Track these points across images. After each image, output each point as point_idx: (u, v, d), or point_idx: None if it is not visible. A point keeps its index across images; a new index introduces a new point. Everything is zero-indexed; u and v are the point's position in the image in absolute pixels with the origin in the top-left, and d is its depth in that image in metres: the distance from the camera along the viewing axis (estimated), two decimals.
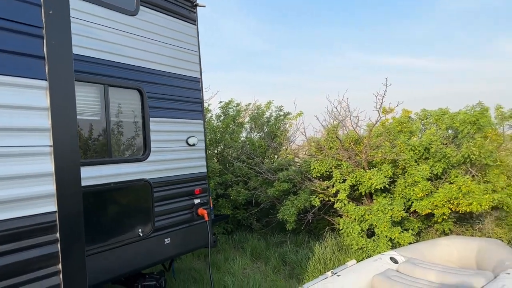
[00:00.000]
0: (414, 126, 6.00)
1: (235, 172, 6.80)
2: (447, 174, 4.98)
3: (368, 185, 4.88)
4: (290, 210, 5.41)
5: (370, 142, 5.28)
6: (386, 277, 3.70)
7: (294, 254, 5.36)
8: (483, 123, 4.99)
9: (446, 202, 4.54)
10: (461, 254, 4.20)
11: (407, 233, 4.72)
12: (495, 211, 5.07)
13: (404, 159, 5.04)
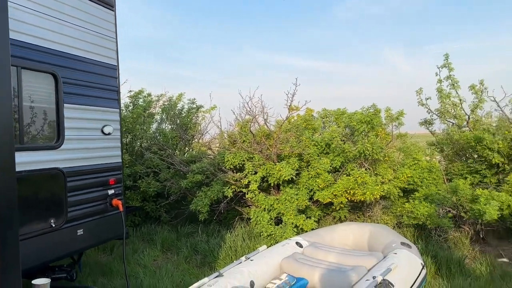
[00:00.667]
0: (317, 123, 6.55)
1: (146, 164, 6.70)
2: (344, 167, 5.57)
3: (277, 177, 5.24)
4: (203, 201, 5.56)
5: (279, 137, 5.66)
6: (293, 259, 4.06)
7: (206, 244, 5.52)
8: (375, 123, 5.69)
9: (344, 192, 5.11)
10: (356, 237, 4.77)
11: (310, 220, 5.20)
12: (382, 200, 5.82)
13: (308, 153, 5.51)
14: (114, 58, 4.20)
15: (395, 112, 6.02)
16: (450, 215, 5.14)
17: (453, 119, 6.04)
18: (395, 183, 5.36)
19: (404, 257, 3.88)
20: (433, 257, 4.61)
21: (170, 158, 6.56)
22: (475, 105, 5.82)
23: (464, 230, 5.28)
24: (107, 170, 4.03)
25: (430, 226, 5.11)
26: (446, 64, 5.86)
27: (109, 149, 4.06)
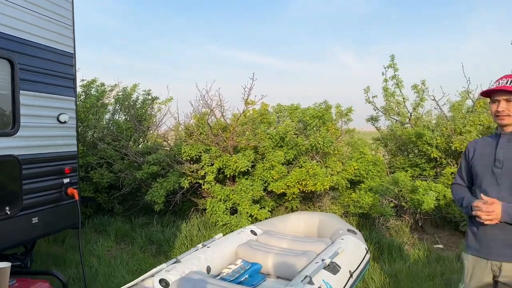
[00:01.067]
0: (272, 118, 6.78)
1: (99, 154, 6.61)
2: (297, 160, 5.84)
3: (234, 168, 5.41)
4: (159, 192, 5.60)
5: (236, 130, 5.82)
6: (248, 246, 4.25)
7: (161, 234, 5.58)
8: (326, 118, 6.01)
9: (296, 183, 5.37)
10: (306, 226, 5.05)
11: (264, 210, 5.42)
12: (331, 191, 6.17)
13: (264, 146, 5.72)
14: (71, 46, 4.15)
15: (344, 109, 6.38)
16: (392, 204, 5.57)
17: (396, 116, 6.51)
18: (343, 175, 5.71)
19: (350, 243, 4.19)
20: (376, 243, 4.99)
21: (124, 149, 6.52)
22: (416, 104, 6.31)
23: (404, 219, 5.73)
24: (63, 159, 3.99)
25: (374, 215, 5.51)
26: (391, 64, 6.30)
27: (64, 137, 4.02)
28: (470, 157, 2.25)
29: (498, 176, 2.05)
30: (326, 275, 3.38)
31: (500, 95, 2.04)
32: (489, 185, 2.08)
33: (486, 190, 2.08)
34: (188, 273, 3.48)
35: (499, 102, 2.05)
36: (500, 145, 2.08)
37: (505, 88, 2.00)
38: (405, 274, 4.18)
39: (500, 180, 2.04)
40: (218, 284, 3.27)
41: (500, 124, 2.10)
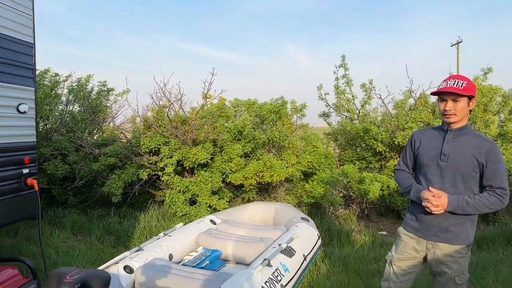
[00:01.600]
0: (229, 112, 6.98)
1: (53, 146, 6.48)
2: (254, 152, 6.09)
3: (193, 160, 5.56)
4: (117, 183, 5.63)
5: (195, 123, 5.96)
6: (208, 234, 4.45)
7: (119, 225, 5.61)
8: (282, 113, 6.30)
9: (254, 175, 5.62)
10: (263, 215, 5.32)
11: (222, 200, 5.63)
12: (286, 183, 6.49)
13: (222, 139, 5.91)
14: (31, 36, 4.09)
15: (299, 105, 6.71)
16: (341, 194, 5.98)
17: (346, 113, 6.94)
18: (297, 167, 6.04)
19: (304, 229, 4.51)
20: (326, 230, 5.37)
21: (79, 141, 6.44)
22: (364, 101, 6.77)
23: (352, 208, 6.16)
24: (22, 149, 3.96)
25: (325, 204, 5.89)
26: (342, 64, 6.70)
27: (24, 127, 3.98)
28: (416, 146, 2.45)
29: (442, 169, 2.28)
30: (283, 258, 3.66)
31: (448, 96, 2.21)
32: (434, 176, 2.31)
33: (431, 180, 2.31)
34: (152, 259, 3.63)
35: (447, 102, 2.22)
36: (446, 141, 2.29)
37: (452, 90, 2.17)
38: (353, 258, 4.56)
39: (444, 173, 2.27)
40: (181, 269, 3.46)
41: (447, 122, 2.28)
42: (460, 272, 2.29)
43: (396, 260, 2.48)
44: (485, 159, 2.20)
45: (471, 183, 2.25)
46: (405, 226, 2.50)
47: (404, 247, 2.45)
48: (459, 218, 2.25)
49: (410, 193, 2.41)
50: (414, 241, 2.41)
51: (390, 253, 2.57)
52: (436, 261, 2.34)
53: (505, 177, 2.23)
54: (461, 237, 2.27)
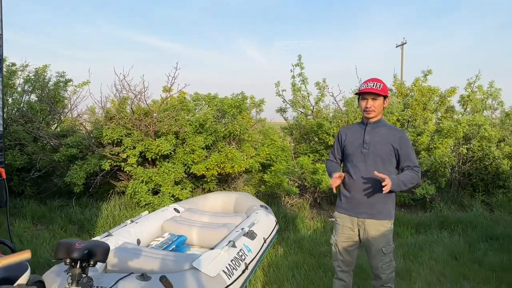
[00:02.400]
0: (190, 105, 7.19)
1: (10, 136, 6.39)
2: (215, 145, 6.37)
3: (156, 152, 5.74)
4: (78, 174, 5.71)
5: (158, 115, 6.13)
6: (173, 221, 4.70)
7: (81, 214, 5.69)
8: (243, 108, 6.62)
9: (215, 166, 5.91)
10: (224, 203, 5.63)
11: (185, 190, 5.87)
12: (245, 174, 6.84)
13: (185, 131, 6.14)
14: None
15: (258, 100, 7.07)
16: (296, 184, 6.42)
17: (302, 109, 7.39)
18: (256, 159, 6.40)
19: (263, 215, 4.87)
20: (283, 217, 5.78)
21: (38, 131, 6.40)
22: (318, 98, 7.25)
23: (306, 197, 6.63)
24: None
25: (281, 194, 6.30)
26: (299, 63, 7.13)
27: None
28: (342, 140, 2.92)
29: (365, 155, 2.74)
30: (246, 240, 4.00)
31: (368, 95, 2.68)
32: (359, 162, 2.76)
33: (357, 165, 2.76)
34: (122, 243, 3.83)
35: (368, 100, 2.69)
36: (366, 132, 2.76)
37: (372, 90, 2.65)
38: (307, 241, 5.00)
39: (367, 158, 2.73)
40: (151, 251, 3.70)
41: (367, 117, 2.74)
42: (386, 243, 2.75)
43: (338, 242, 2.90)
44: (398, 145, 2.69)
45: (388, 165, 2.72)
46: (338, 209, 2.93)
47: (341, 229, 2.88)
48: (382, 196, 2.70)
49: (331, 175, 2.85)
50: (348, 221, 2.84)
51: (333, 237, 2.98)
52: (366, 235, 2.78)
53: (415, 157, 2.76)
54: (385, 213, 2.74)
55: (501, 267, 4.17)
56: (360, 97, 2.77)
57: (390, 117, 6.18)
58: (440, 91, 6.71)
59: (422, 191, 5.98)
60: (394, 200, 2.83)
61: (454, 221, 5.70)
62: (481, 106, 7.00)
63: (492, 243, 4.96)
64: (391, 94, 7.07)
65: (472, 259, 4.42)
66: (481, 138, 6.48)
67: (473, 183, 6.83)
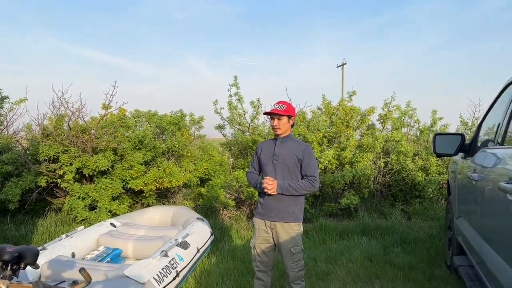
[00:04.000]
0: (130, 122, 7.36)
1: None
2: (154, 160, 6.59)
3: (93, 168, 5.86)
4: (14, 190, 5.68)
5: (96, 132, 6.26)
6: (108, 235, 4.85)
7: (16, 231, 5.65)
8: (182, 125, 6.91)
9: (154, 181, 6.12)
10: (162, 217, 5.84)
11: (123, 206, 6.02)
12: (184, 188, 7.08)
13: (123, 147, 6.31)
14: None
15: (197, 117, 7.39)
16: (233, 197, 6.77)
17: (238, 126, 7.80)
18: (195, 173, 6.69)
19: (198, 227, 5.15)
20: (219, 228, 6.08)
21: None
22: (253, 116, 7.70)
23: (243, 210, 6.99)
24: None
25: (219, 206, 6.62)
26: (235, 83, 7.56)
27: None
28: (259, 153, 3.34)
29: (275, 165, 3.18)
30: (178, 250, 4.27)
31: (274, 115, 3.14)
32: (270, 171, 3.19)
33: (269, 175, 3.17)
34: (56, 257, 3.96)
35: (274, 120, 3.15)
36: (277, 146, 3.21)
37: (276, 112, 3.11)
38: (240, 249, 5.34)
39: (277, 168, 3.17)
40: (84, 263, 3.87)
41: (275, 134, 3.24)
42: (295, 244, 3.17)
43: (256, 244, 3.29)
44: (302, 155, 3.14)
45: (294, 174, 3.16)
46: (256, 215, 3.34)
47: (258, 232, 3.28)
48: (290, 201, 3.14)
49: (257, 186, 3.27)
50: (263, 225, 3.25)
51: (252, 240, 3.37)
52: (277, 236, 3.19)
53: (316, 168, 3.17)
54: (293, 216, 3.17)
55: (409, 267, 4.72)
56: (270, 116, 3.24)
57: (317, 134, 6.75)
58: (361, 111, 7.43)
59: (347, 201, 6.55)
60: (302, 206, 3.27)
61: (374, 228, 6.29)
62: (399, 123, 7.79)
63: (405, 247, 5.56)
64: (320, 113, 7.68)
65: (385, 260, 4.96)
66: (398, 152, 7.22)
67: (393, 193, 7.54)
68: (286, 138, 3.25)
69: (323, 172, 6.81)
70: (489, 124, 3.59)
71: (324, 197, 7.17)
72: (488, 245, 2.55)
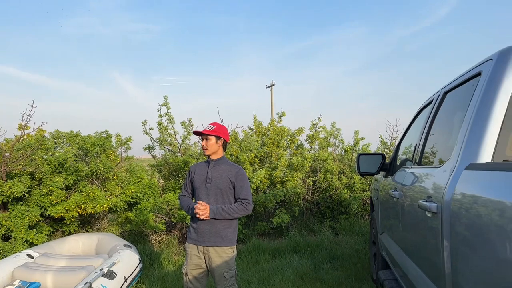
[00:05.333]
0: (49, 143, 6.86)
1: None
2: (77, 185, 6.18)
3: (7, 194, 5.34)
4: None
5: (11, 155, 5.74)
6: (25, 268, 4.41)
7: None
8: (107, 146, 6.58)
9: (76, 207, 5.72)
10: (85, 245, 5.46)
11: (41, 234, 5.53)
12: (109, 214, 6.71)
13: (41, 171, 5.84)
14: None
15: (124, 138, 7.10)
16: (163, 221, 6.55)
17: (169, 146, 7.63)
18: (121, 197, 6.37)
19: (125, 255, 4.89)
20: (149, 255, 5.83)
21: None
22: (185, 137, 7.59)
23: (174, 233, 6.78)
24: None
25: (148, 231, 6.35)
26: (165, 103, 7.43)
27: None
28: (192, 175, 3.28)
29: (208, 188, 3.14)
30: (104, 281, 4.01)
31: (203, 135, 3.16)
32: (203, 194, 3.14)
33: (201, 198, 3.14)
34: None
35: (203, 140, 3.16)
36: (209, 168, 3.18)
37: (204, 132, 3.13)
38: (171, 276, 5.15)
39: (209, 191, 3.13)
40: None
41: (205, 155, 3.18)
42: (228, 268, 3.14)
43: (188, 270, 3.20)
44: (235, 178, 3.15)
45: (227, 197, 3.15)
46: (188, 240, 3.26)
47: (191, 258, 3.20)
48: (223, 225, 3.12)
49: (189, 210, 3.20)
50: (195, 250, 3.18)
51: (184, 266, 3.27)
52: (210, 262, 3.14)
53: (249, 191, 3.19)
54: (226, 240, 3.14)
55: (338, 283, 4.88)
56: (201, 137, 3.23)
57: (249, 154, 6.82)
58: (290, 131, 7.68)
59: (278, 220, 6.65)
60: (235, 229, 3.25)
61: (304, 245, 6.45)
62: (325, 143, 8.16)
63: (334, 263, 5.75)
64: (252, 133, 7.80)
65: (315, 278, 5.08)
66: (325, 171, 7.53)
67: (321, 210, 7.82)
68: (219, 160, 3.23)
69: (255, 192, 6.87)
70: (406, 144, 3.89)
71: (256, 216, 7.22)
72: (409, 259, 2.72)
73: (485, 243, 1.46)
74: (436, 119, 2.79)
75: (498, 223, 1.37)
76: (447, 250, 1.87)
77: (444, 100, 2.73)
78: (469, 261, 1.63)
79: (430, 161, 2.68)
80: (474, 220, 1.58)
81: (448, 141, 2.32)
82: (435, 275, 2.08)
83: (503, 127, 1.74)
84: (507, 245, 1.29)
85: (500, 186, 1.46)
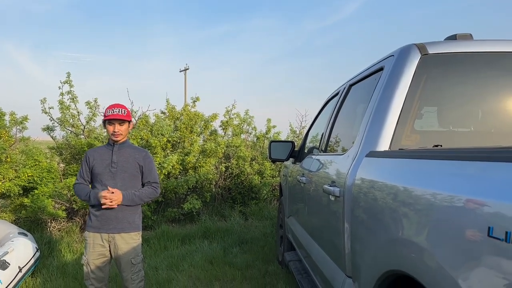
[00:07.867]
0: None
1: None
2: None
3: None
4: None
5: None
6: None
7: None
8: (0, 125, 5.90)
9: None
10: None
11: None
12: (2, 199, 6.06)
13: None
14: None
15: (19, 117, 6.43)
16: (64, 207, 6.11)
17: (71, 128, 7.07)
18: (16, 181, 5.79)
19: (20, 243, 4.48)
20: (47, 243, 5.41)
21: None
22: (89, 118, 7.09)
23: (75, 221, 6.37)
24: None
25: (47, 218, 5.88)
26: (67, 81, 6.83)
27: None
28: (90, 161, 3.05)
29: (114, 173, 2.98)
30: None
31: (116, 121, 2.94)
32: (108, 180, 2.97)
33: (106, 184, 2.96)
34: None
35: (115, 125, 2.94)
36: (114, 152, 3.01)
37: (118, 117, 2.92)
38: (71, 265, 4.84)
39: (116, 176, 2.98)
40: None
41: (115, 140, 2.99)
42: (135, 254, 3.07)
43: (90, 260, 3.03)
44: (143, 162, 3.07)
45: (135, 181, 3.07)
46: (88, 229, 3.08)
47: (93, 247, 3.03)
48: (130, 211, 3.03)
49: (90, 198, 2.98)
50: (99, 239, 3.01)
51: (84, 257, 3.08)
52: (116, 249, 3.01)
53: (157, 174, 3.17)
54: (133, 226, 3.07)
55: (246, 266, 5.02)
56: (107, 122, 2.99)
57: (161, 138, 6.63)
58: (205, 117, 7.63)
59: (190, 206, 6.61)
60: (140, 214, 3.17)
61: (215, 230, 6.51)
62: (239, 130, 8.26)
63: (243, 246, 5.90)
64: (164, 117, 7.59)
65: (224, 261, 5.16)
66: (238, 157, 7.64)
67: (232, 196, 7.94)
68: (124, 144, 3.10)
69: (167, 177, 6.72)
70: (314, 132, 4.11)
71: (167, 202, 7.08)
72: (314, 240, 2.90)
73: (379, 224, 1.61)
74: (341, 110, 2.99)
75: (391, 206, 1.52)
76: (347, 232, 2.03)
77: (349, 92, 2.93)
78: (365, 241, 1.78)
79: (334, 149, 2.87)
80: (371, 203, 1.73)
81: (351, 130, 2.49)
82: (336, 255, 2.25)
83: (400, 119, 1.92)
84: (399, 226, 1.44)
85: (395, 172, 1.62)
